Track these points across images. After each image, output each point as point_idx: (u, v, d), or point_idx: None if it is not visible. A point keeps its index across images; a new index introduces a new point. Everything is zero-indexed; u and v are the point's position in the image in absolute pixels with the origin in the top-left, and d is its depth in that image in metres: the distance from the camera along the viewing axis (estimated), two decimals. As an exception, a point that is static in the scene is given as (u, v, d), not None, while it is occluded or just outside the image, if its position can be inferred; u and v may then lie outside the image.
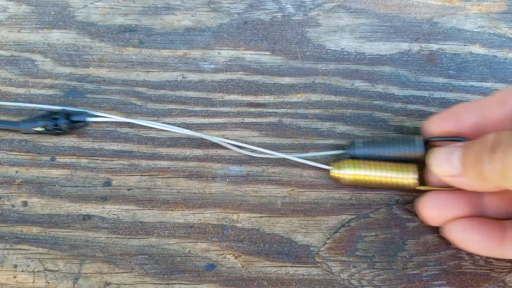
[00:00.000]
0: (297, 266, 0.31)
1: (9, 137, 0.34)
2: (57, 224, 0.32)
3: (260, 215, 0.32)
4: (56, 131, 0.33)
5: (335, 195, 0.33)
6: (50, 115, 0.33)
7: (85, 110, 0.34)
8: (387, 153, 0.32)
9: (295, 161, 0.33)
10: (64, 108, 0.34)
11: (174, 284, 0.30)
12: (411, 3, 0.41)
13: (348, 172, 0.32)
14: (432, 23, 0.40)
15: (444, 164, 0.28)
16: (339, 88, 0.37)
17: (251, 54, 0.38)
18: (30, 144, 0.34)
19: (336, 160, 0.33)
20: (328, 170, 0.33)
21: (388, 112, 0.36)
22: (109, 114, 0.34)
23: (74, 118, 0.33)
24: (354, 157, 0.32)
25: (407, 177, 0.31)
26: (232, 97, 0.36)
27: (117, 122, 0.34)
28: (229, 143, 0.33)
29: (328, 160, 0.34)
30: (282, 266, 0.31)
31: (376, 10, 0.40)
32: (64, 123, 0.33)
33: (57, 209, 0.32)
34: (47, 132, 0.33)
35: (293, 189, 0.33)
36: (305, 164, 0.33)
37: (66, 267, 0.31)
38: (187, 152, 0.34)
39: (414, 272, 0.31)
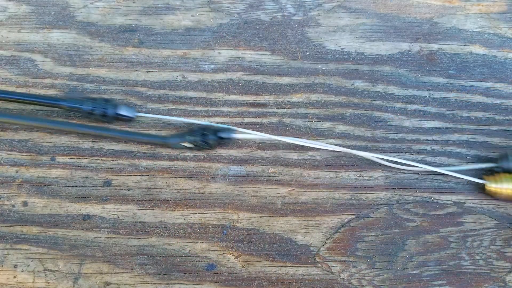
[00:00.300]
0: (297, 266, 0.31)
1: (9, 137, 0.34)
2: (57, 224, 0.32)
3: (260, 215, 0.32)
4: (204, 147, 0.33)
5: (335, 195, 0.33)
6: (198, 131, 0.33)
7: (231, 127, 0.33)
8: None
9: (296, 161, 0.34)
10: (210, 123, 0.33)
11: (174, 284, 0.30)
12: (411, 3, 0.41)
13: (506, 187, 0.31)
14: (432, 23, 0.40)
15: None
16: (339, 88, 0.37)
17: (251, 54, 0.38)
18: (30, 144, 0.34)
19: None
20: (329, 170, 0.33)
21: (388, 112, 0.36)
22: (256, 132, 0.33)
23: (221, 135, 0.33)
24: (508, 171, 0.32)
25: None
26: (232, 97, 0.36)
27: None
28: (382, 159, 0.33)
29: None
30: (282, 266, 0.31)
31: (376, 10, 0.40)
32: (212, 139, 0.33)
33: (57, 209, 0.32)
34: (194, 147, 0.33)
35: (293, 189, 0.33)
36: (305, 164, 0.33)
37: (66, 267, 0.31)
38: (187, 152, 0.34)
39: (414, 272, 0.31)
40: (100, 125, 0.34)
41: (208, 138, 0.33)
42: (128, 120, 0.34)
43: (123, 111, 0.33)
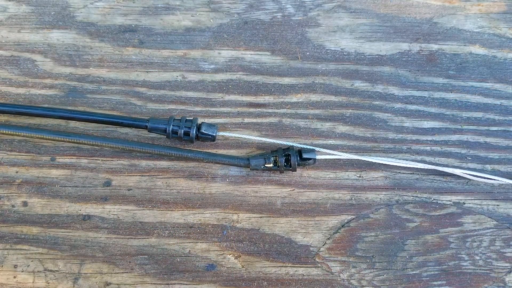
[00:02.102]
0: (297, 266, 0.31)
1: (9, 137, 0.34)
2: (57, 224, 0.32)
3: (260, 215, 0.32)
4: (286, 168, 0.32)
5: (335, 195, 0.33)
6: (280, 152, 0.32)
7: (314, 148, 0.33)
8: None
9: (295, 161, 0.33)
10: (292, 144, 0.33)
11: (174, 284, 0.30)
12: (411, 3, 0.41)
13: None
14: (432, 23, 0.40)
15: None
16: (339, 88, 0.37)
17: (251, 54, 0.38)
18: (30, 144, 0.34)
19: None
20: (329, 171, 0.33)
21: (388, 112, 0.36)
22: (338, 152, 0.33)
23: (305, 156, 0.32)
24: None
25: None
26: (232, 97, 0.36)
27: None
28: (469, 174, 0.33)
29: None
30: (282, 266, 0.31)
31: (376, 10, 0.40)
32: (295, 160, 0.32)
33: (57, 209, 0.32)
34: (276, 168, 0.33)
35: (293, 189, 0.33)
36: (305, 164, 0.33)
37: (66, 267, 0.31)
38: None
39: (414, 272, 0.31)
40: (182, 147, 0.33)
41: (292, 160, 0.32)
42: (210, 139, 0.33)
43: (206, 130, 0.33)
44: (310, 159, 0.32)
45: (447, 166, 0.33)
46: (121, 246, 0.31)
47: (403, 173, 0.34)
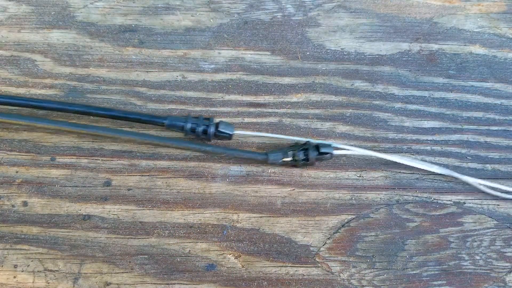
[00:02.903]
0: (297, 266, 0.31)
1: (9, 137, 0.34)
2: (57, 224, 0.32)
3: (260, 215, 0.32)
4: (304, 163, 0.33)
5: (335, 195, 0.33)
6: (298, 147, 0.33)
7: (331, 143, 0.33)
8: None
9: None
10: (308, 140, 0.33)
11: (174, 284, 0.30)
12: (411, 3, 0.41)
13: None
14: (432, 23, 0.40)
15: None
16: (339, 88, 0.37)
17: (251, 54, 0.38)
18: (30, 144, 0.34)
19: None
20: (329, 171, 0.33)
21: (388, 112, 0.36)
22: (353, 147, 0.33)
23: (323, 150, 0.32)
24: None
25: None
26: (232, 97, 0.36)
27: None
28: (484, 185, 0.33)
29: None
30: (282, 266, 0.31)
31: (376, 10, 0.40)
32: (314, 155, 0.32)
33: (57, 209, 0.32)
34: (293, 162, 0.33)
35: (293, 189, 0.33)
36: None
37: (66, 267, 0.31)
38: (187, 152, 0.34)
39: (414, 272, 0.31)
40: (201, 142, 0.33)
41: (311, 155, 0.32)
42: (227, 137, 0.33)
43: (224, 129, 0.33)
44: (327, 153, 0.32)
45: (462, 174, 0.33)
46: (121, 246, 0.31)
47: (403, 172, 0.34)
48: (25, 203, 0.32)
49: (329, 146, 0.33)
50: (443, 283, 0.31)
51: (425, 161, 0.34)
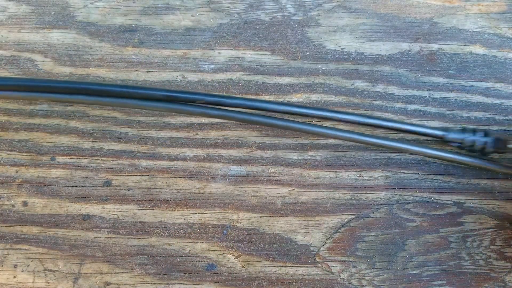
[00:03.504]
0: (297, 266, 0.31)
1: (9, 137, 0.34)
2: (57, 224, 0.32)
3: (260, 215, 0.32)
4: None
5: (335, 195, 0.33)
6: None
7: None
8: None
9: (296, 161, 0.33)
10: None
11: (174, 284, 0.30)
12: (411, 3, 0.41)
13: None
14: (432, 23, 0.40)
15: None
16: (339, 88, 0.37)
17: (251, 54, 0.38)
18: (30, 144, 0.34)
19: None
20: (329, 170, 0.33)
21: (388, 112, 0.36)
22: None
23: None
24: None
25: None
26: (232, 97, 0.36)
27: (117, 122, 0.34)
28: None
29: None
30: (282, 266, 0.31)
31: (376, 10, 0.40)
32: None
33: (57, 209, 0.32)
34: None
35: (293, 189, 0.33)
36: (305, 164, 0.33)
37: (66, 267, 0.31)
38: (187, 152, 0.34)
39: (414, 272, 0.31)
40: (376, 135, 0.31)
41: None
42: (502, 152, 0.30)
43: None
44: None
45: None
46: (121, 246, 0.31)
47: (403, 172, 0.34)
48: (25, 203, 0.32)
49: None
50: (443, 283, 0.31)
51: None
